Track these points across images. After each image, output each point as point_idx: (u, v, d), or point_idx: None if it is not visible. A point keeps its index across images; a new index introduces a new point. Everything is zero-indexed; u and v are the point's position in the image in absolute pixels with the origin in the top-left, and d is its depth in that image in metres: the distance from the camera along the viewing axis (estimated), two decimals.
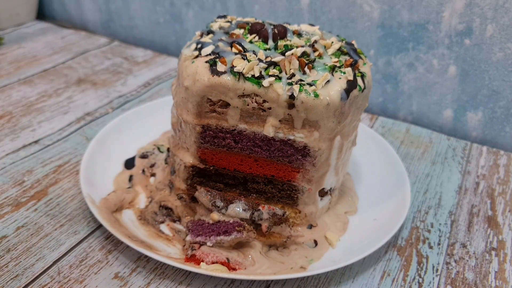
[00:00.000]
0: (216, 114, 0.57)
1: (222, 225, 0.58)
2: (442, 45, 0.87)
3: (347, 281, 0.57)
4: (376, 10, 0.90)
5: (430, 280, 0.58)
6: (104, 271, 0.56)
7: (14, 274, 0.55)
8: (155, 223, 0.63)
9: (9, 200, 0.66)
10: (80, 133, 0.82)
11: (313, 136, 0.56)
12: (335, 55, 0.59)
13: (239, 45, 0.56)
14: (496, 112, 0.87)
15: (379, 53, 0.94)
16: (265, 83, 0.53)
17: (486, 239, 0.65)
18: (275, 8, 1.00)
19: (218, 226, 0.58)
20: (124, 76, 1.03)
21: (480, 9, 0.81)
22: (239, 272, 0.55)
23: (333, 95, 0.53)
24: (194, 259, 0.56)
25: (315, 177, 0.60)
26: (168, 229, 0.62)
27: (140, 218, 0.63)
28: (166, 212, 0.64)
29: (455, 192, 0.74)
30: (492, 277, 0.59)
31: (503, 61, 0.83)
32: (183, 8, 1.13)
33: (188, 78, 0.55)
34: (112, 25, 1.28)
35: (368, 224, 0.64)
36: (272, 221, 0.59)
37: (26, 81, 0.98)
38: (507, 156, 0.83)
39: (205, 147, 0.60)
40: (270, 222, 0.59)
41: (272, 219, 0.58)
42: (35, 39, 1.18)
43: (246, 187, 0.63)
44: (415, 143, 0.86)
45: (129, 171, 0.71)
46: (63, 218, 0.63)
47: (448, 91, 0.90)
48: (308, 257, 0.59)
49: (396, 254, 0.62)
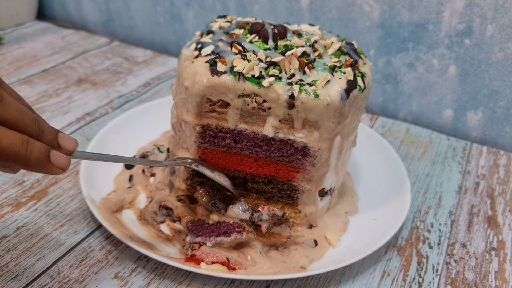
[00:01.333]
0: (216, 114, 0.57)
1: (222, 226, 0.58)
2: (442, 45, 0.87)
3: (347, 281, 0.57)
4: (376, 10, 0.90)
5: (430, 280, 0.58)
6: (104, 271, 0.56)
7: (14, 274, 0.55)
8: (155, 223, 0.63)
9: (9, 200, 0.66)
10: (80, 133, 0.82)
11: (313, 136, 0.56)
12: (335, 55, 0.59)
13: (239, 45, 0.56)
14: (496, 112, 0.87)
15: (379, 53, 0.94)
16: (265, 83, 0.53)
17: (486, 239, 0.65)
18: (275, 8, 1.00)
19: (218, 227, 0.58)
20: (124, 76, 1.03)
21: (480, 9, 0.81)
22: (239, 272, 0.55)
23: (333, 95, 0.53)
24: (194, 259, 0.56)
25: (315, 177, 0.60)
26: (168, 229, 0.62)
27: (140, 218, 0.63)
28: (166, 212, 0.64)
29: (455, 192, 0.74)
30: (492, 277, 0.59)
31: (503, 61, 0.83)
32: (183, 8, 1.13)
33: (188, 78, 0.55)
34: (112, 25, 1.28)
35: (368, 224, 0.64)
36: (271, 222, 0.59)
37: (26, 81, 0.98)
38: (507, 156, 0.83)
39: (205, 147, 0.60)
40: (270, 223, 0.59)
41: (271, 220, 0.58)
42: (35, 39, 1.18)
43: (246, 187, 0.63)
44: (415, 143, 0.86)
45: (129, 171, 0.71)
46: (63, 218, 0.63)
47: (448, 91, 0.90)
48: (309, 256, 0.59)
49: (396, 254, 0.62)
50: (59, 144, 0.44)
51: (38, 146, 0.42)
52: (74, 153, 0.46)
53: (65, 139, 0.45)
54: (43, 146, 0.42)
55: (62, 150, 0.44)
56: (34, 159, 0.41)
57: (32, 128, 0.42)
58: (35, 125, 0.42)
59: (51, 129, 0.44)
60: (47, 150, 0.42)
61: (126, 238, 0.56)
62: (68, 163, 0.44)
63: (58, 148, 0.44)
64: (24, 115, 0.42)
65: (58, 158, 0.43)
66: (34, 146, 0.41)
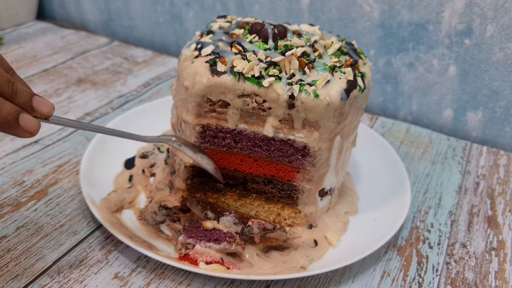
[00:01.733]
0: (216, 114, 0.57)
1: (216, 233, 0.58)
2: (442, 45, 0.87)
3: (347, 281, 0.57)
4: (376, 10, 0.90)
5: (430, 280, 0.58)
6: (104, 271, 0.56)
7: (14, 274, 0.55)
8: (155, 223, 0.63)
9: (9, 200, 0.66)
10: (80, 133, 0.82)
11: (313, 136, 0.56)
12: (335, 55, 0.59)
13: (239, 45, 0.56)
14: (496, 112, 0.87)
15: (379, 53, 0.94)
16: (265, 83, 0.53)
17: (486, 239, 0.65)
18: (275, 8, 1.00)
19: (212, 233, 0.58)
20: (124, 76, 1.03)
21: (480, 9, 0.81)
22: (239, 272, 0.55)
23: (333, 95, 0.53)
24: (188, 258, 0.56)
25: (315, 177, 0.60)
26: (168, 229, 0.62)
27: (140, 218, 0.63)
28: (166, 212, 0.64)
29: (455, 192, 0.74)
30: (492, 277, 0.59)
31: (503, 61, 0.83)
32: (183, 8, 1.13)
33: (188, 78, 0.55)
34: (112, 25, 1.28)
35: (368, 224, 0.64)
36: (263, 234, 0.59)
37: (26, 81, 0.98)
38: (507, 156, 0.83)
39: (205, 147, 0.60)
40: (262, 235, 0.59)
41: (263, 232, 0.59)
42: (35, 39, 1.18)
43: (246, 187, 0.63)
44: (415, 143, 0.86)
45: (129, 171, 0.72)
46: (63, 218, 0.63)
47: (448, 91, 0.90)
48: (309, 256, 0.59)
49: (396, 254, 0.62)
50: (33, 107, 0.44)
51: (8, 107, 0.41)
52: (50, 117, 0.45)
53: (41, 102, 0.44)
54: (13, 107, 0.42)
55: (37, 114, 0.44)
56: (1, 119, 0.41)
57: (4, 88, 0.42)
58: (8, 86, 0.42)
59: (25, 91, 0.44)
60: (17, 112, 0.42)
61: (126, 238, 0.56)
62: (37, 127, 0.43)
63: (32, 112, 0.44)
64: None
65: (26, 121, 0.42)
66: (3, 107, 0.41)
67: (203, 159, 0.59)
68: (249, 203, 0.64)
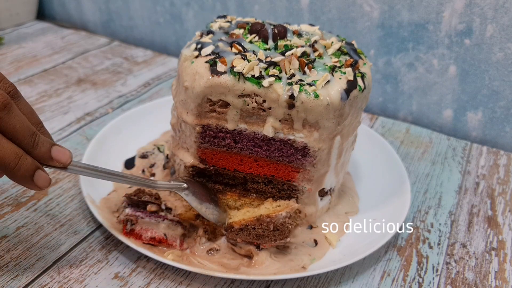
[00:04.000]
0: (216, 114, 0.57)
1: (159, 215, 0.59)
2: (442, 45, 0.87)
3: (347, 281, 0.57)
4: (376, 10, 0.90)
5: (430, 280, 0.58)
6: (104, 271, 0.56)
7: (14, 274, 0.55)
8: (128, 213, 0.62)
9: (9, 200, 0.66)
10: (80, 133, 0.82)
11: (313, 136, 0.56)
12: (335, 55, 0.59)
13: (239, 45, 0.56)
14: (496, 112, 0.87)
15: (379, 53, 0.94)
16: (265, 83, 0.53)
17: (486, 239, 0.65)
18: (275, 8, 1.00)
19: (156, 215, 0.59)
20: (124, 76, 1.03)
21: (480, 9, 0.81)
22: (239, 272, 0.55)
23: (333, 95, 0.53)
24: (133, 233, 0.57)
25: (315, 177, 0.60)
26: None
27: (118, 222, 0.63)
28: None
29: (455, 192, 0.74)
30: (492, 277, 0.59)
31: (503, 61, 0.83)
32: (183, 8, 1.13)
33: (188, 78, 0.55)
34: (112, 25, 1.28)
35: (368, 224, 0.64)
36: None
37: (26, 81, 0.98)
38: (507, 156, 0.83)
39: (205, 147, 0.60)
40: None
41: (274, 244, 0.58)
42: (35, 39, 1.18)
43: (246, 187, 0.63)
44: (415, 143, 0.86)
45: (129, 171, 0.72)
46: (63, 218, 0.63)
47: (448, 91, 0.90)
48: (311, 255, 0.59)
49: (396, 254, 0.62)
50: (51, 157, 0.47)
51: (28, 163, 0.45)
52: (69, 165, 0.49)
53: (60, 152, 0.48)
54: (32, 164, 0.46)
55: (55, 163, 0.48)
56: (20, 175, 0.45)
57: (27, 140, 0.46)
58: (31, 138, 0.46)
59: (46, 142, 0.47)
60: (34, 170, 0.46)
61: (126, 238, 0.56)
62: (47, 184, 0.47)
63: (50, 161, 0.48)
64: (24, 128, 0.45)
65: (39, 178, 0.47)
66: (23, 163, 0.45)
67: (208, 209, 0.60)
68: (249, 203, 0.64)
